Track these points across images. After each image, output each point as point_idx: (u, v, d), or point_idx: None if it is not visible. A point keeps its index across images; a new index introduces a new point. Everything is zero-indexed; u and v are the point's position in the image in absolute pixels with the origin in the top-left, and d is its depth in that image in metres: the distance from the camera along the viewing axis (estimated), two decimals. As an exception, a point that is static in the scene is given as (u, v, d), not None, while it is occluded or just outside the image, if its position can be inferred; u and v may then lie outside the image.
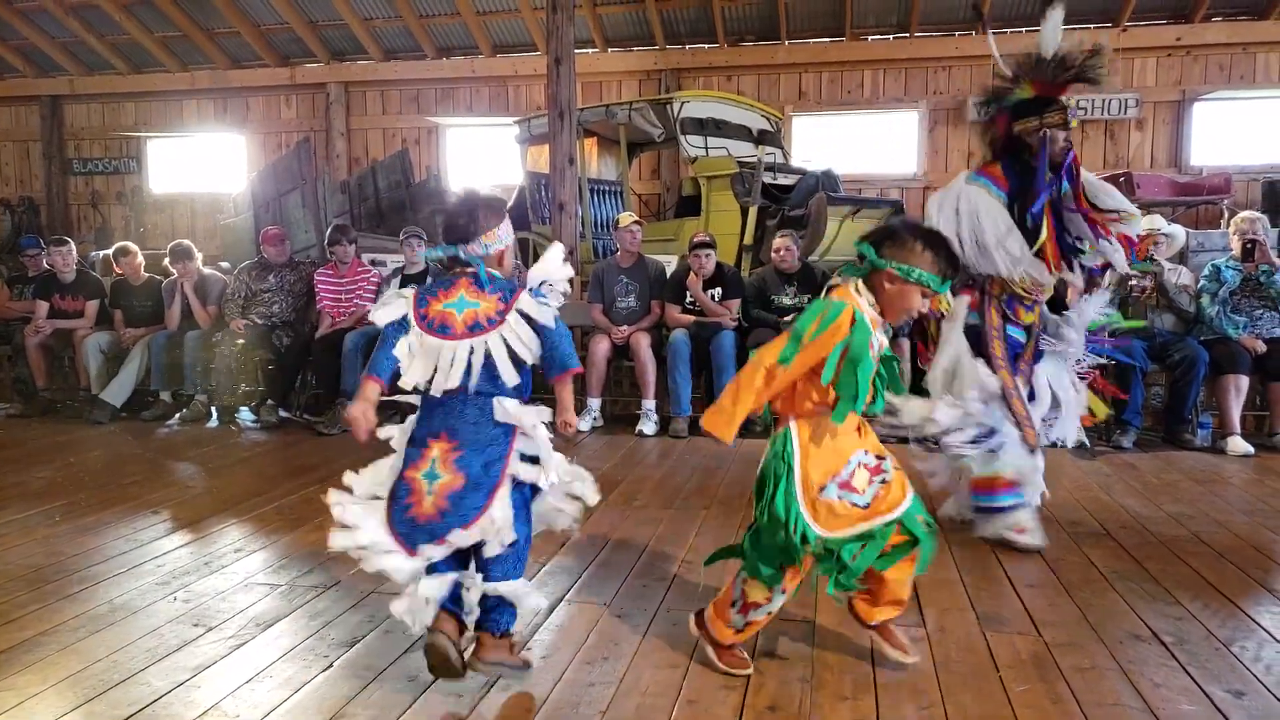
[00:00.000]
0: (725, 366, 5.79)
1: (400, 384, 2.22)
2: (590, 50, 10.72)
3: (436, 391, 2.19)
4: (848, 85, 10.49)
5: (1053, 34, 3.44)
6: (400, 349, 2.21)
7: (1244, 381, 5.29)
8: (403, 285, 6.48)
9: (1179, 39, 9.71)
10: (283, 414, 6.33)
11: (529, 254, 8.91)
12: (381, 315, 2.26)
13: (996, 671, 2.34)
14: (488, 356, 2.19)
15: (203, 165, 12.38)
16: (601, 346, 6.06)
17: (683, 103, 8.33)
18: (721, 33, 10.47)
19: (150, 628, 2.63)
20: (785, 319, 5.90)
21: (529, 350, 2.23)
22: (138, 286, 6.92)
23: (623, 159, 8.90)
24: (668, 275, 6.36)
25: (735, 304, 6.04)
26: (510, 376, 2.22)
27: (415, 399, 2.25)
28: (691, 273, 6.08)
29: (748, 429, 6.07)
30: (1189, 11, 9.64)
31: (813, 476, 2.17)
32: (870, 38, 10.41)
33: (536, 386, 2.34)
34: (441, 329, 2.20)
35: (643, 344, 5.95)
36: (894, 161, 10.57)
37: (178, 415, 6.46)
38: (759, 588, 2.27)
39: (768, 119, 9.12)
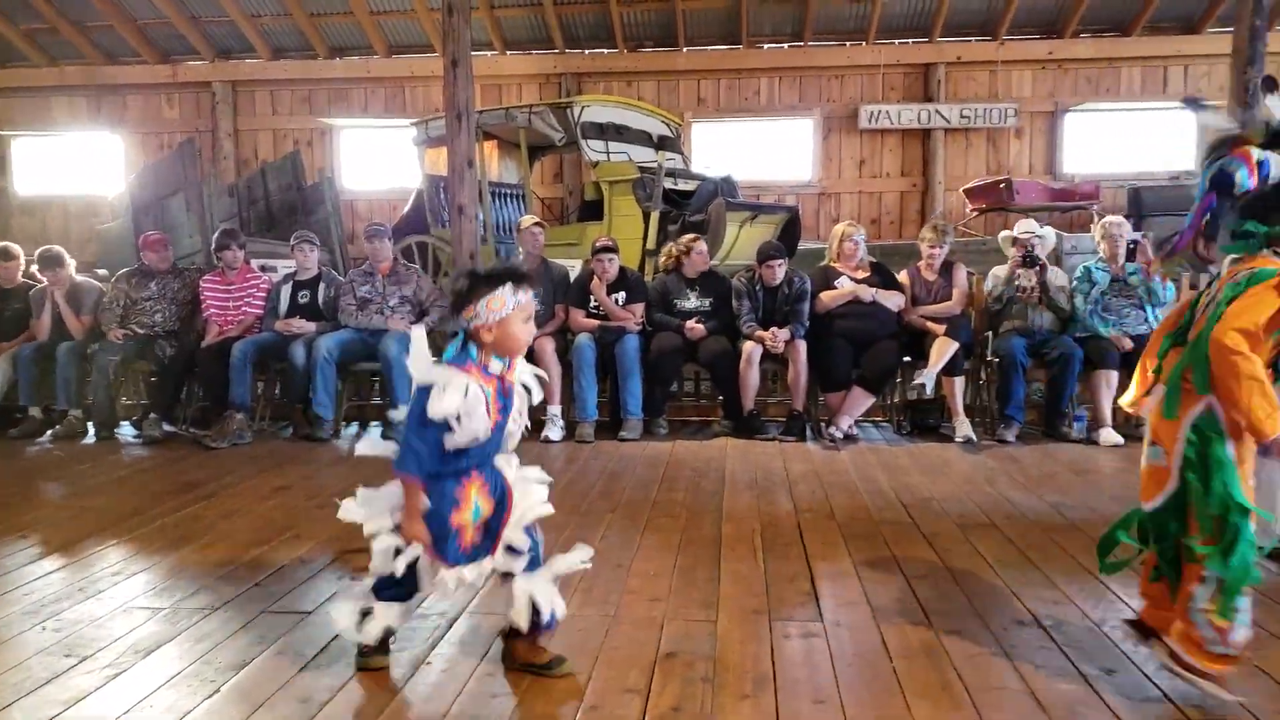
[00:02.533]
0: (630, 370, 5.81)
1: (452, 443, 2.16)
2: (489, 53, 10.64)
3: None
4: (745, 92, 10.67)
5: None
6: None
7: (1114, 376, 5.58)
8: (294, 291, 6.32)
9: (1051, 53, 10.22)
10: (167, 428, 6.07)
11: (428, 258, 8.79)
12: (450, 406, 2.10)
13: (890, 662, 2.41)
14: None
15: (75, 166, 11.76)
16: (502, 352, 6.00)
17: (583, 107, 8.34)
18: (621, 38, 10.53)
19: (16, 660, 2.48)
20: (688, 322, 5.96)
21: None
22: (7, 292, 6.54)
23: (523, 162, 8.85)
24: (571, 279, 6.35)
25: (639, 308, 6.07)
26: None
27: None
28: (595, 277, 6.08)
29: (651, 430, 6.07)
30: (1060, 28, 10.14)
31: (1249, 465, 1.96)
32: (766, 46, 10.63)
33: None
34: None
35: (547, 349, 5.92)
36: (790, 168, 10.80)
37: (49, 432, 6.12)
38: (1224, 609, 1.99)
39: (667, 125, 9.20)
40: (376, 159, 11.33)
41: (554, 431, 5.76)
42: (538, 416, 6.13)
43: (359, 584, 2.47)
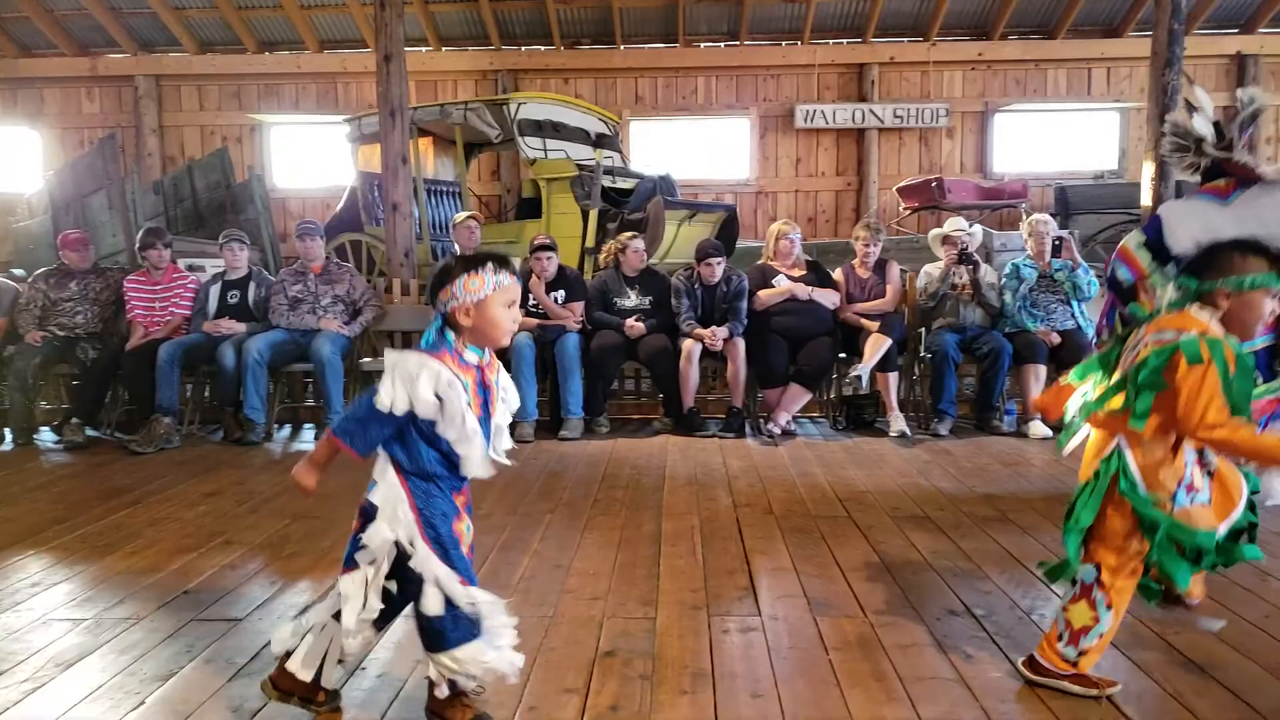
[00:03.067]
0: (570, 370, 5.79)
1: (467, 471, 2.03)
2: (423, 48, 10.51)
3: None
4: (682, 91, 10.71)
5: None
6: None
7: (1042, 370, 5.72)
8: (224, 291, 6.17)
9: (980, 54, 10.45)
10: (91, 433, 5.88)
11: (362, 257, 8.65)
12: (423, 393, 1.93)
13: (826, 655, 2.44)
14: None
15: (-10, 162, 11.35)
16: (439, 351, 5.92)
17: (520, 104, 8.28)
18: (557, 35, 10.48)
19: (-68, 673, 2.38)
20: (627, 320, 5.96)
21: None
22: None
23: (460, 159, 8.76)
24: (508, 278, 6.29)
25: (578, 306, 6.05)
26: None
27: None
28: (533, 275, 6.05)
29: (591, 429, 6.05)
30: (989, 29, 10.37)
31: (1169, 486, 2.08)
32: (703, 45, 10.68)
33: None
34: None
35: (482, 348, 5.86)
36: (727, 167, 10.87)
37: (-35, 438, 5.89)
38: (1083, 612, 2.16)
39: (605, 122, 9.19)
40: (309, 156, 11.11)
41: (492, 431, 5.70)
42: (476, 416, 6.08)
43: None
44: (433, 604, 1.94)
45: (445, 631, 1.96)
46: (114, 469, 5.05)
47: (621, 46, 10.60)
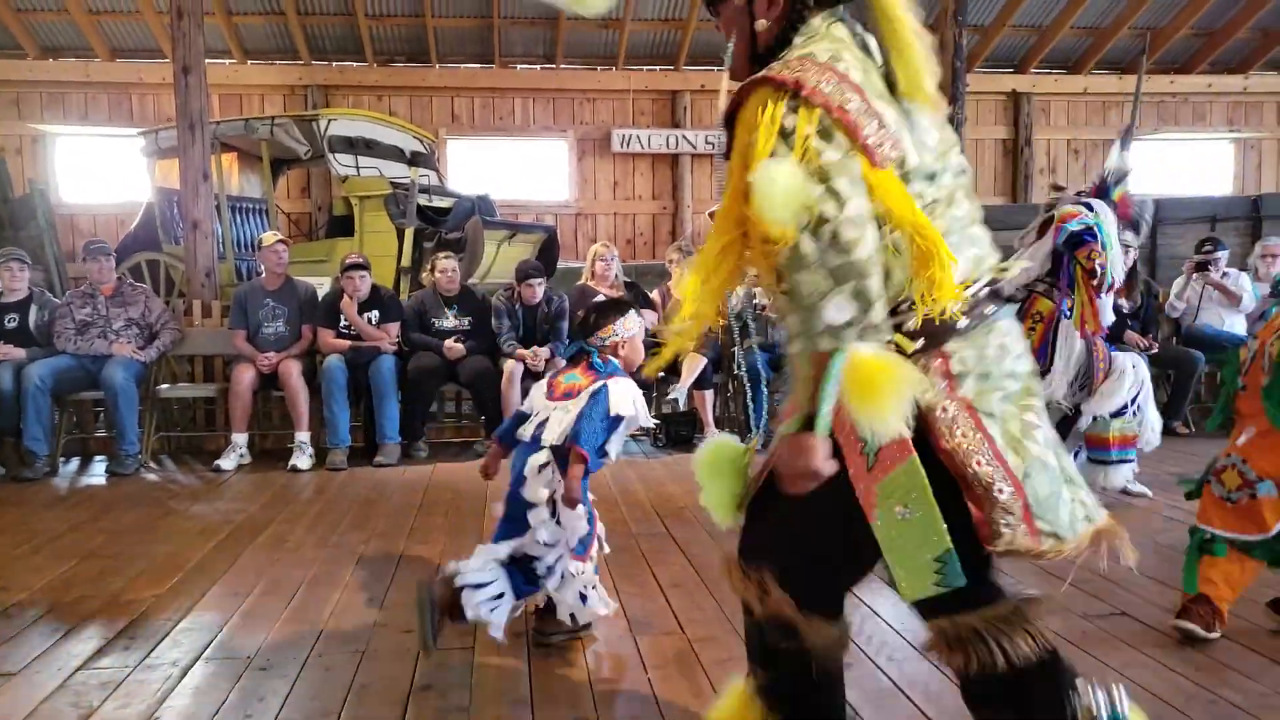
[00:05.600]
0: (385, 393, 5.65)
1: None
2: (228, 61, 10.02)
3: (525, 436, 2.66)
4: (500, 111, 10.69)
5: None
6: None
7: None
8: (0, 315, 5.64)
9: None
10: None
11: (159, 277, 8.14)
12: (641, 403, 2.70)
13: (645, 673, 2.50)
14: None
15: None
16: (246, 376, 5.65)
17: (330, 120, 8.04)
18: (370, 52, 10.26)
19: None
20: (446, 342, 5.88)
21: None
22: None
23: (266, 176, 8.40)
24: (319, 298, 6.08)
25: (394, 327, 5.92)
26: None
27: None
28: (345, 295, 5.87)
29: (410, 454, 5.91)
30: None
31: None
32: (520, 66, 10.71)
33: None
34: (549, 391, 2.71)
35: (293, 371, 5.64)
36: (547, 188, 10.93)
37: None
38: None
39: (420, 141, 9.05)
40: (101, 170, 10.32)
41: (303, 460, 5.49)
42: (284, 444, 5.83)
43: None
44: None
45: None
46: None
47: (437, 66, 10.48)
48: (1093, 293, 3.89)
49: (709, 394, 6.03)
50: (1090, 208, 3.88)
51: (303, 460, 5.48)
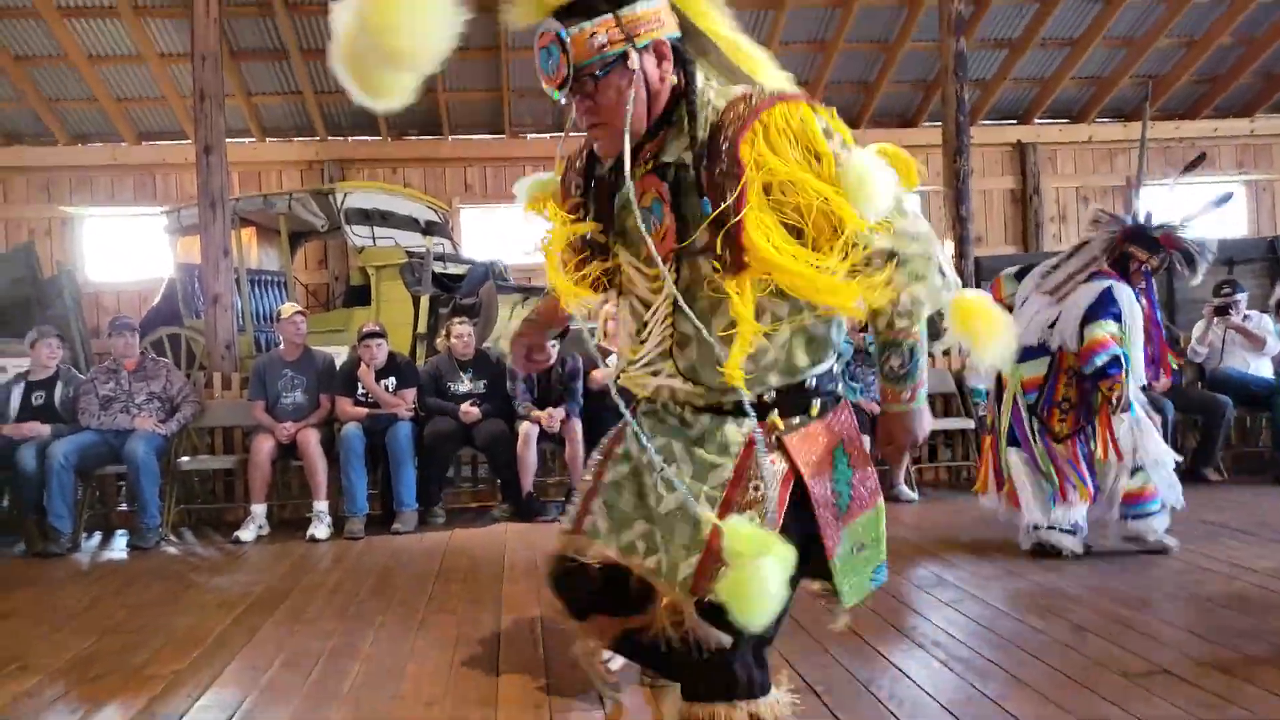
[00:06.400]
0: (402, 459, 5.69)
1: None
2: (247, 140, 10.29)
3: None
4: (511, 179, 10.78)
5: None
6: None
7: (865, 440, 6.05)
8: (27, 393, 5.76)
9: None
10: None
11: (181, 351, 8.27)
12: None
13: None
14: None
15: None
16: (265, 446, 5.71)
17: (345, 193, 8.23)
18: (384, 126, 10.51)
19: None
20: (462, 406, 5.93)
21: None
22: None
23: (284, 249, 8.57)
24: (337, 367, 6.17)
25: (410, 394, 5.98)
26: None
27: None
28: (362, 363, 5.94)
29: (427, 520, 5.91)
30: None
31: None
32: (529, 136, 10.94)
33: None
34: None
35: (311, 441, 5.69)
36: (559, 251, 11.05)
37: None
38: None
39: (434, 210, 9.23)
40: (125, 249, 10.56)
41: (320, 529, 5.50)
42: (302, 514, 5.86)
43: None
44: None
45: None
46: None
47: (449, 137, 10.72)
48: (1110, 419, 4.18)
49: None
50: (1114, 302, 4.09)
51: (321, 530, 5.51)
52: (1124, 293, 4.19)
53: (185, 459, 6.09)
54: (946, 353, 7.14)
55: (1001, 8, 9.90)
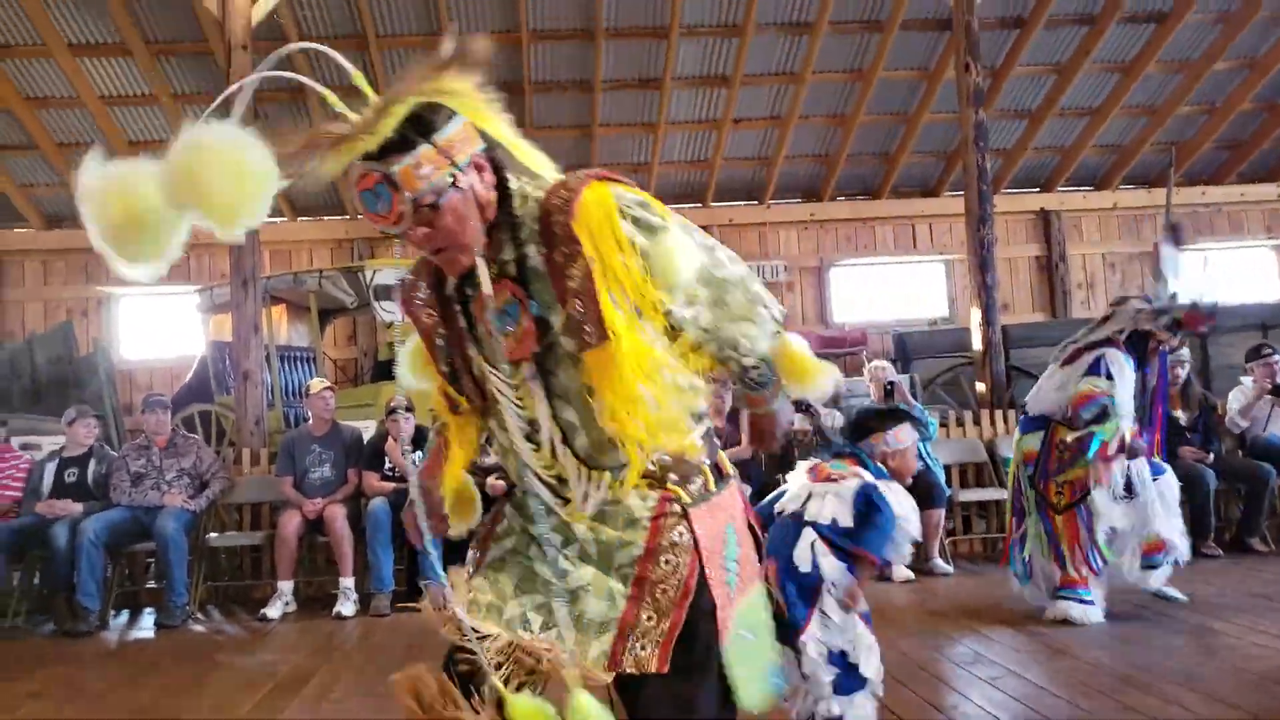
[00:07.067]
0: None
1: None
2: (279, 219, 10.54)
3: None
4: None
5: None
6: None
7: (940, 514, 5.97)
8: (60, 470, 5.82)
9: (812, 214, 11.27)
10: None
11: (211, 427, 8.34)
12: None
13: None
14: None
15: None
16: (292, 522, 5.71)
17: (375, 270, 8.36)
18: (413, 203, 10.72)
19: None
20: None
21: (845, 515, 2.62)
22: None
23: (314, 325, 8.69)
24: (365, 442, 6.19)
25: (435, 469, 5.96)
26: (834, 516, 2.63)
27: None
28: (390, 438, 5.96)
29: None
30: (819, 192, 11.24)
31: None
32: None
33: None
34: (812, 474, 2.78)
35: (338, 516, 5.69)
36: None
37: None
38: None
39: (463, 285, 9.33)
40: (158, 327, 10.77)
41: (347, 606, 5.46)
42: (329, 590, 5.82)
43: None
44: None
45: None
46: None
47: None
48: (1105, 467, 4.20)
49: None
50: (1102, 364, 4.15)
51: (347, 607, 5.46)
52: (1116, 358, 4.21)
53: (213, 535, 6.10)
54: (978, 421, 7.08)
55: (1019, 79, 10.03)
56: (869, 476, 2.66)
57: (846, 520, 2.58)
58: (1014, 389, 7.69)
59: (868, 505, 2.55)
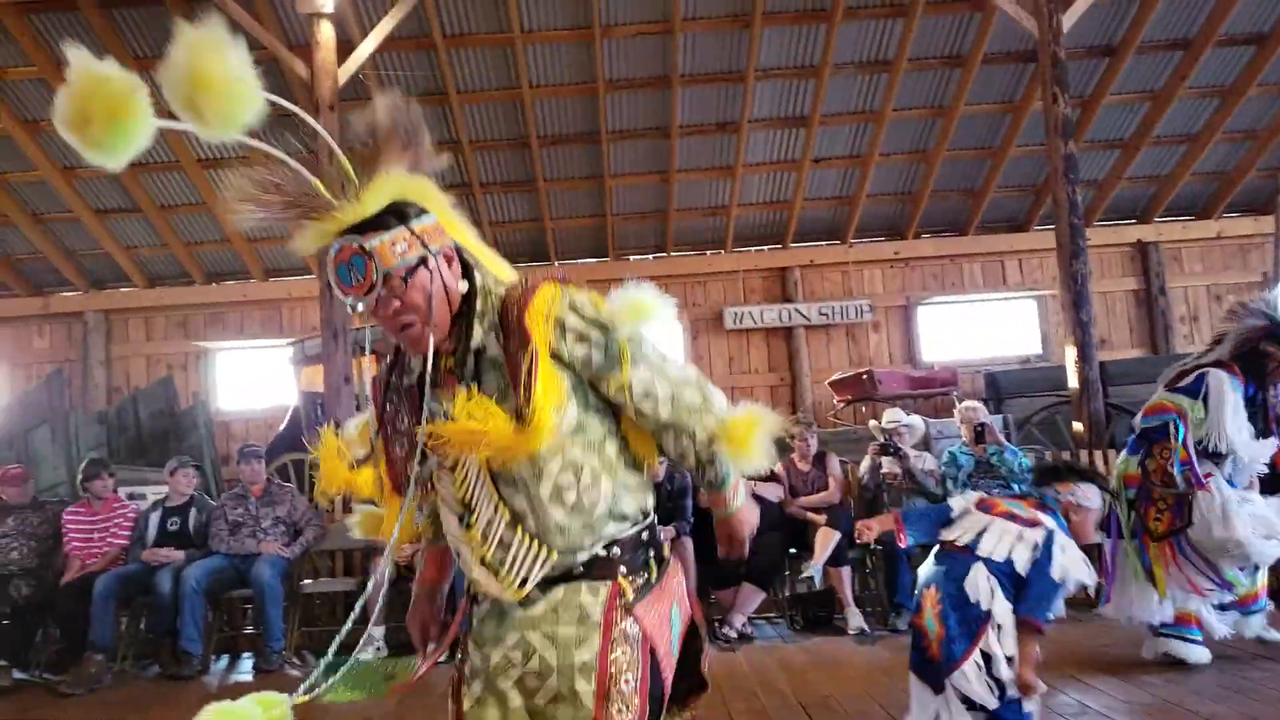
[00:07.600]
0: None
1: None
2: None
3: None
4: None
5: None
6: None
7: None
8: (164, 519, 6.04)
9: (897, 252, 11.12)
10: (18, 675, 5.52)
11: (304, 475, 8.56)
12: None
13: None
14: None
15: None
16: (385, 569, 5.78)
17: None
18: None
19: None
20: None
21: (1022, 560, 2.63)
22: None
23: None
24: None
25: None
26: (1010, 557, 2.63)
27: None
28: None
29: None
30: (903, 230, 11.09)
31: None
32: (633, 257, 11.22)
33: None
34: (985, 509, 2.79)
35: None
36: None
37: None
38: None
39: (546, 332, 9.45)
40: (253, 379, 11.18)
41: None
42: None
43: None
44: None
45: None
46: (38, 715, 4.75)
47: (555, 262, 11.09)
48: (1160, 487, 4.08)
49: (846, 570, 5.81)
50: (1201, 383, 3.98)
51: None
52: (1217, 379, 3.98)
53: (307, 582, 6.23)
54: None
55: (1111, 109, 9.77)
56: (1052, 523, 2.62)
57: (1023, 566, 2.56)
58: (1114, 428, 7.38)
59: (1045, 556, 2.55)
